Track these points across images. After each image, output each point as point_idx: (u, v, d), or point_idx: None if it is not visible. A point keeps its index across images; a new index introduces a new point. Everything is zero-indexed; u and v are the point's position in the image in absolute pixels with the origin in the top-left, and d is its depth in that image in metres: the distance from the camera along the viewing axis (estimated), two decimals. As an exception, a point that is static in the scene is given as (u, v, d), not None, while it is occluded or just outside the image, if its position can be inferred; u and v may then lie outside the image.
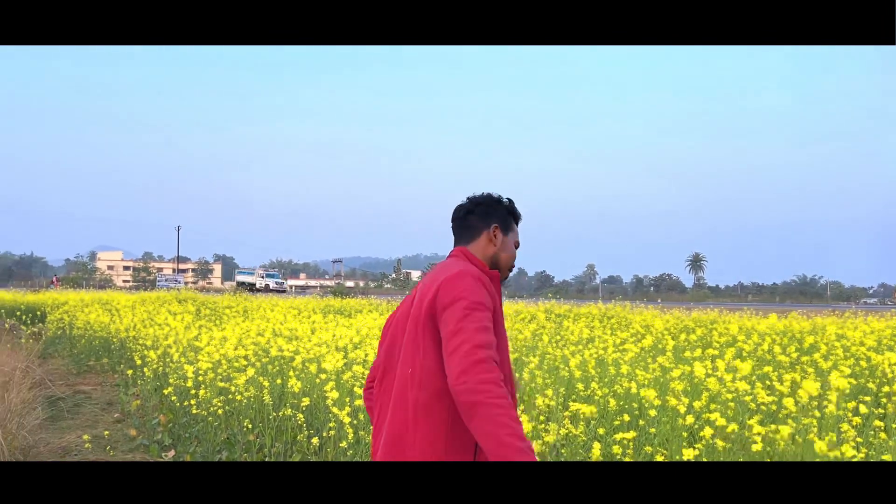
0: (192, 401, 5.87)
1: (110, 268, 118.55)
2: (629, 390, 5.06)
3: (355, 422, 4.68)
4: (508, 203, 2.27)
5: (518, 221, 2.32)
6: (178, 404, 6.56)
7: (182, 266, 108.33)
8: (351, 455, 4.62)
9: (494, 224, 2.21)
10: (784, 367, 6.31)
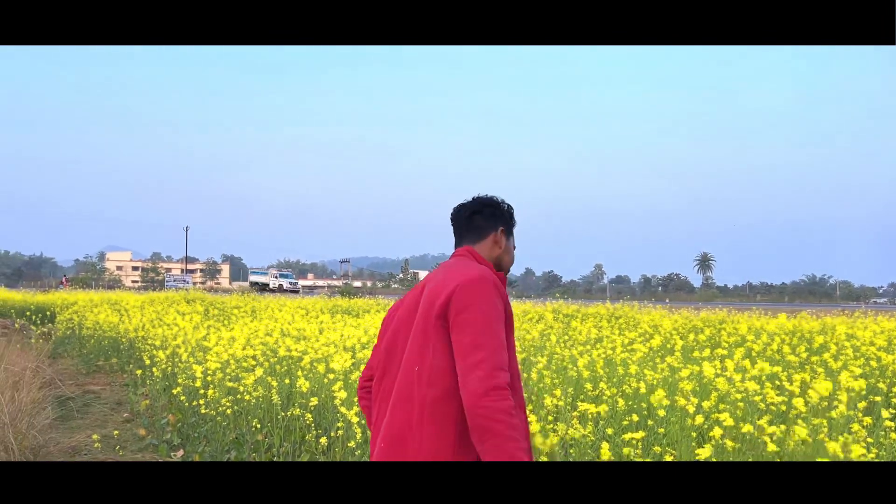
0: (201, 401, 5.88)
1: (119, 268, 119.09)
2: (638, 390, 5.05)
3: (363, 422, 4.69)
4: (509, 208, 2.31)
5: (514, 228, 2.36)
6: (187, 404, 6.58)
7: (190, 266, 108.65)
8: (359, 455, 4.63)
9: (500, 227, 2.25)
10: (794, 368, 6.28)
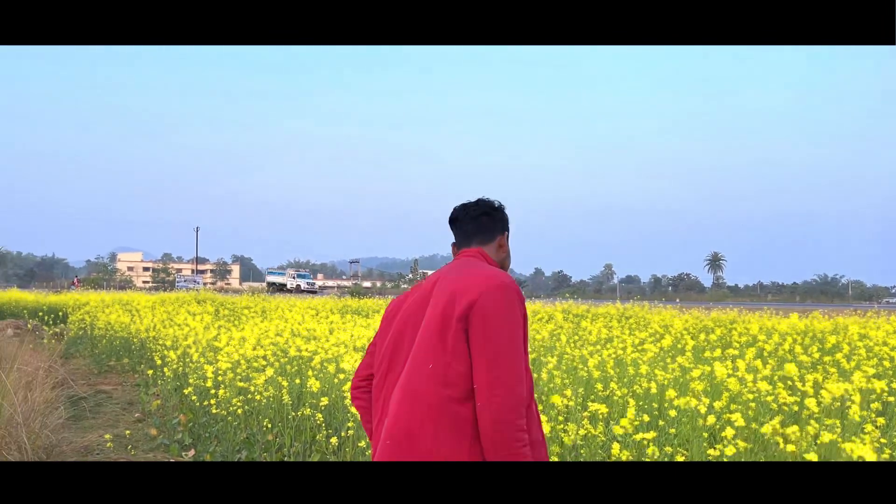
0: (212, 400, 5.91)
1: (130, 269, 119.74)
2: (648, 390, 5.03)
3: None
4: (506, 213, 2.37)
5: None
6: (198, 404, 6.61)
7: (201, 267, 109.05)
8: (370, 455, 4.63)
9: (505, 230, 2.31)
10: (806, 368, 6.24)
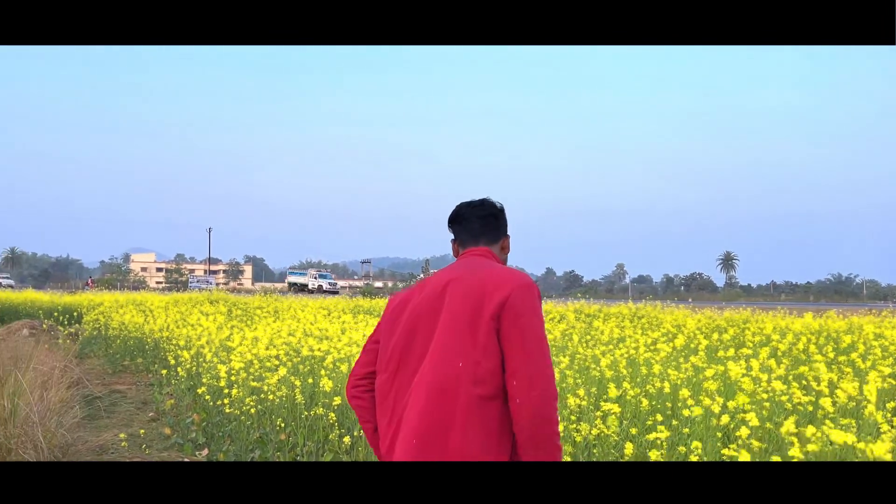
0: (225, 400, 5.93)
1: (143, 269, 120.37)
2: (661, 390, 5.01)
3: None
4: None
5: None
6: (212, 403, 6.64)
7: (213, 267, 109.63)
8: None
9: (507, 232, 2.36)
10: (813, 366, 6.19)
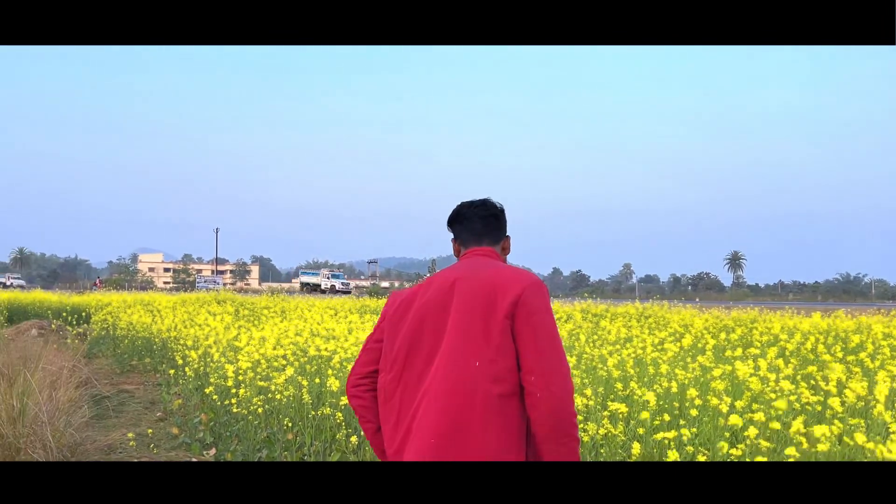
0: (233, 400, 5.95)
1: (151, 269, 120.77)
2: (669, 389, 5.00)
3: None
4: None
5: None
6: (219, 403, 6.66)
7: (220, 267, 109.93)
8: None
9: (508, 233, 2.36)
10: (829, 367, 6.17)
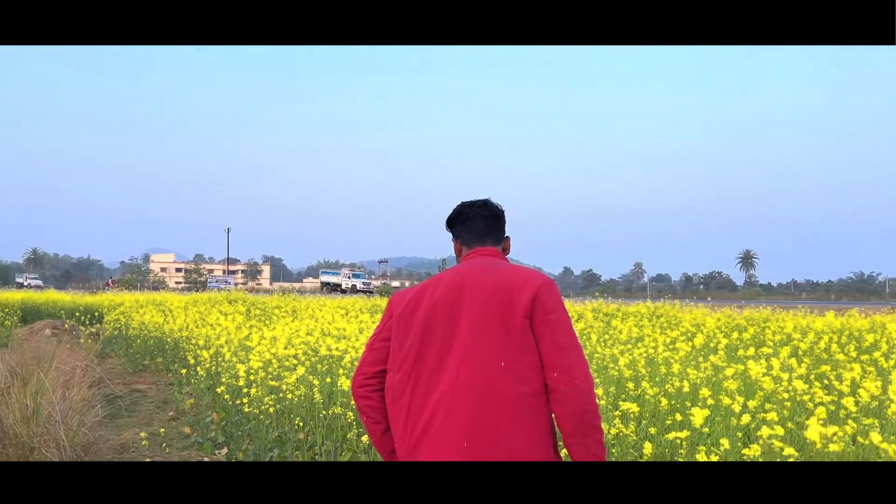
0: (244, 399, 5.97)
1: (163, 269, 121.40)
2: (681, 389, 4.98)
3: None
4: None
5: None
6: (231, 403, 6.68)
7: (232, 267, 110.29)
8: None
9: (507, 234, 2.38)
10: (843, 367, 6.12)
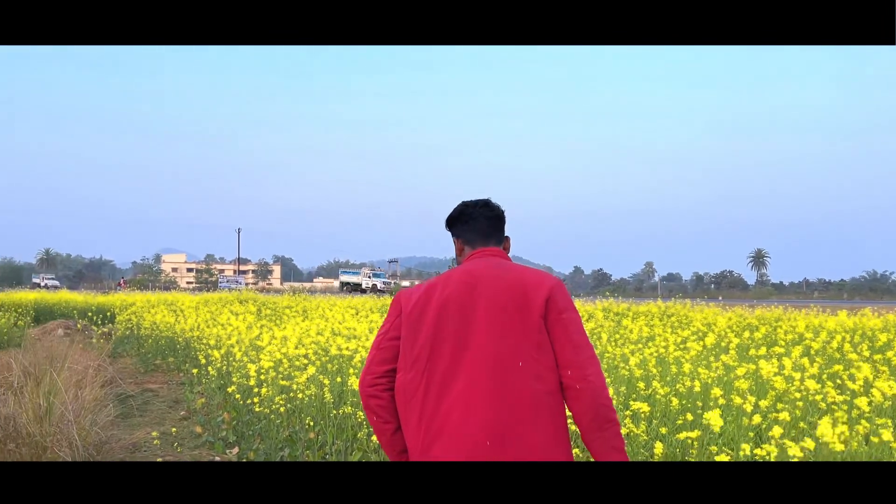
0: (255, 399, 5.99)
1: (174, 270, 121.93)
2: (692, 389, 4.96)
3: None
4: None
5: None
6: (242, 402, 6.70)
7: (243, 267, 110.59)
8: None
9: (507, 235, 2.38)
10: (855, 366, 6.08)
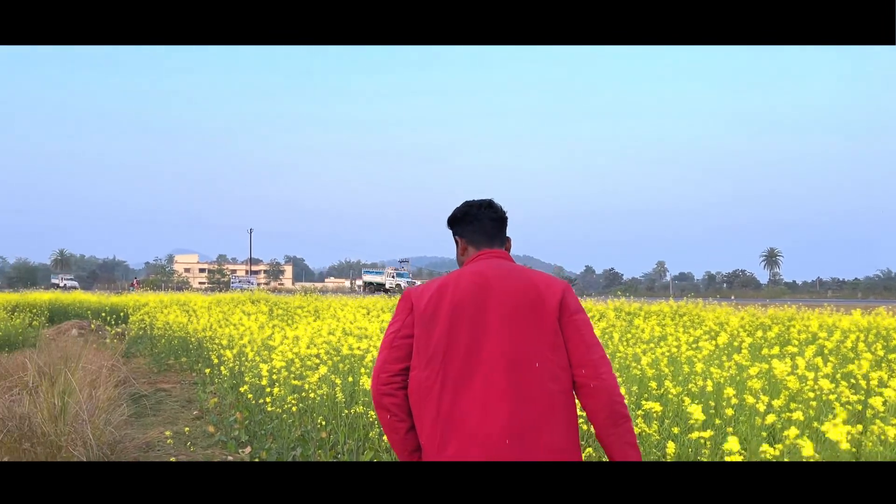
0: (267, 398, 6.01)
1: (187, 270, 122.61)
2: (704, 388, 4.94)
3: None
4: None
5: None
6: (254, 402, 6.73)
7: (254, 268, 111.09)
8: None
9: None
10: (870, 366, 6.03)
